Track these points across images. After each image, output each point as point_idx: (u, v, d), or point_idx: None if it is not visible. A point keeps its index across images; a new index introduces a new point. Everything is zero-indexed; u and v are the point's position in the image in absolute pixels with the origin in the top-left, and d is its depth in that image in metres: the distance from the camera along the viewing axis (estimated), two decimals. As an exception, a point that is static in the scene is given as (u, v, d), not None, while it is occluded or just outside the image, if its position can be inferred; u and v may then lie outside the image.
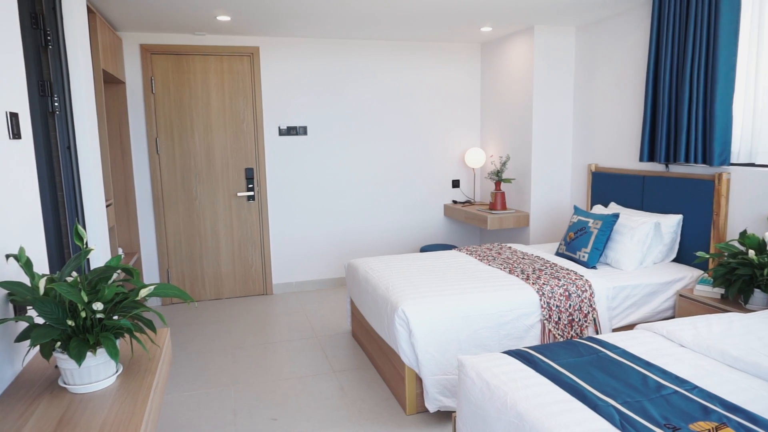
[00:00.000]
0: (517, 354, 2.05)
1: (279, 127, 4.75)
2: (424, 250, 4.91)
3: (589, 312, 2.95)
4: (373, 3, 3.54)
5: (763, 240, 2.73)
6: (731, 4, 3.01)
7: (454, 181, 5.30)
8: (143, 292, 1.42)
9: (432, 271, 3.23)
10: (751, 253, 2.69)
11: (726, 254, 2.86)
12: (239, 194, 4.72)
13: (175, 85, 4.47)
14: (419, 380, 2.70)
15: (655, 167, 3.68)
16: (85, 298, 1.35)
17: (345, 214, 5.04)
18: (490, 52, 5.03)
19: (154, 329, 1.52)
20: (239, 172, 4.71)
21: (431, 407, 2.62)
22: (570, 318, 2.90)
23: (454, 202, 5.25)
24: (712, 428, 1.53)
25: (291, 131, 4.78)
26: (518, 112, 4.62)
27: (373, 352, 3.31)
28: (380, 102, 4.99)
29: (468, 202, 5.17)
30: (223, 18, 3.86)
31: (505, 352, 2.09)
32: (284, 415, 2.77)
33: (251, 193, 4.74)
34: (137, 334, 1.49)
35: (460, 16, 3.95)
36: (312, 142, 4.86)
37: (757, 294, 2.70)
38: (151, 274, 4.62)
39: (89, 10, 3.22)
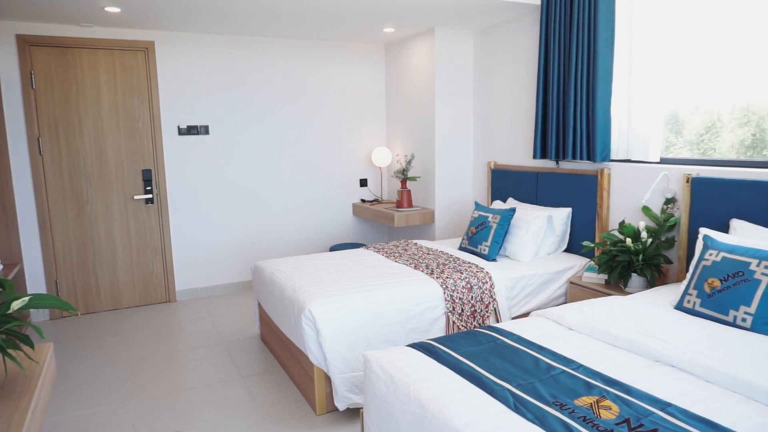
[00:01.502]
0: (421, 346, 2.11)
1: (178, 126, 4.54)
2: (333, 249, 4.91)
3: (490, 302, 3.10)
4: (271, 1, 3.48)
5: (638, 229, 3.01)
6: (607, 16, 3.28)
7: (361, 180, 5.34)
8: (15, 305, 1.30)
9: (340, 270, 3.23)
10: (629, 241, 2.96)
11: (608, 243, 3.12)
12: (136, 197, 4.45)
13: (60, 80, 4.13)
14: (328, 379, 2.70)
15: (547, 164, 3.93)
16: (-55, 315, 1.22)
17: (252, 216, 4.92)
18: (393, 52, 5.12)
19: (31, 345, 1.40)
20: (135, 174, 4.44)
21: (341, 405, 2.62)
22: (472, 309, 3.03)
23: (363, 200, 5.30)
24: (594, 401, 1.66)
25: (191, 130, 4.59)
26: (422, 111, 4.74)
27: (282, 354, 3.26)
28: (286, 101, 4.92)
29: (376, 201, 5.24)
30: (112, 9, 3.62)
31: (409, 346, 2.14)
32: (189, 427, 2.66)
33: (149, 196, 4.49)
34: (11, 351, 1.37)
35: (362, 16, 3.99)
36: (214, 142, 4.69)
37: (634, 278, 2.97)
38: (36, 286, 4.24)
39: (-49, -4, 2.90)
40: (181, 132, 4.55)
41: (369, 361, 2.03)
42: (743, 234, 2.56)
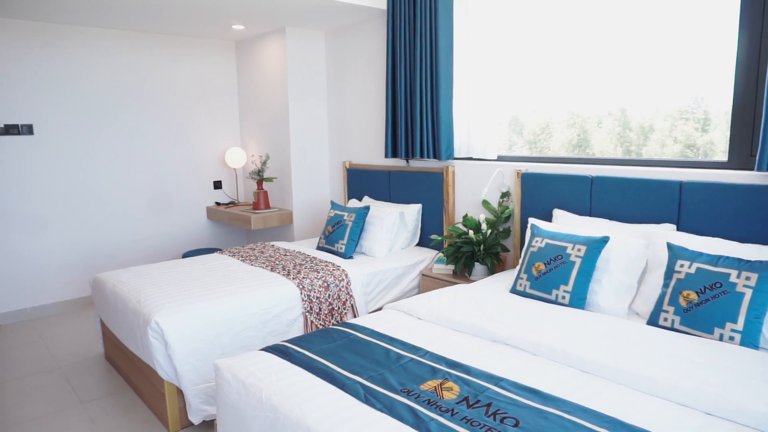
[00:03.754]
0: (274, 349, 2.08)
1: (-7, 126, 3.97)
2: (186, 255, 4.65)
3: (347, 299, 3.15)
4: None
5: (479, 221, 3.27)
6: (446, 26, 3.50)
7: (215, 182, 5.12)
8: None
9: (191, 278, 3.07)
10: (471, 233, 3.20)
11: (454, 235, 3.34)
12: (-60, 208, 3.81)
13: None
14: (181, 393, 2.56)
15: (399, 162, 4.10)
16: None
17: (93, 225, 4.47)
18: (245, 50, 4.99)
19: None
20: (-63, 182, 3.80)
21: (195, 419, 2.50)
22: (330, 307, 3.07)
23: (217, 203, 5.08)
24: (438, 385, 1.78)
25: (11, 130, 4.04)
26: (275, 111, 4.68)
27: (130, 373, 3.02)
28: (130, 99, 4.54)
29: (231, 203, 5.06)
30: None
31: (262, 349, 2.11)
32: (14, 466, 2.35)
33: (-42, 207, 3.87)
34: None
35: (206, 11, 3.82)
36: (41, 143, 4.18)
37: (477, 266, 3.23)
38: None
39: None
40: (-4, 132, 3.99)
41: (220, 369, 1.96)
42: (563, 222, 2.91)
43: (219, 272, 3.18)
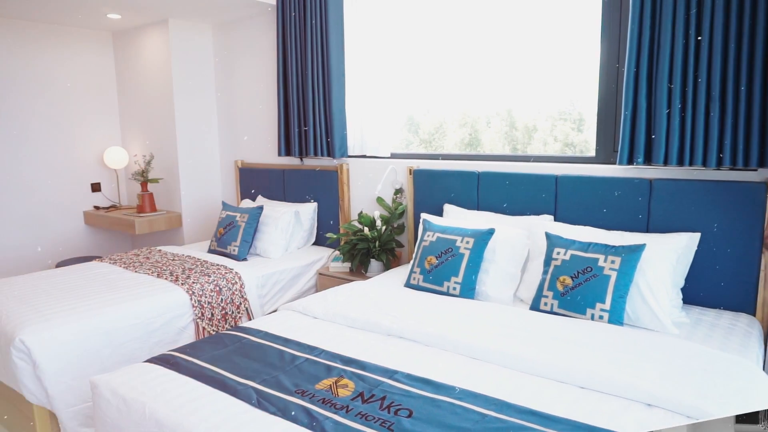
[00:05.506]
0: (160, 359, 1.96)
1: None
2: (60, 265, 4.23)
3: (241, 303, 3.05)
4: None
5: (374, 218, 3.31)
6: (336, 24, 3.49)
7: (93, 185, 4.71)
8: None
9: (64, 289, 2.80)
10: (366, 230, 3.23)
11: (350, 233, 3.35)
12: None
13: None
14: (55, 418, 2.32)
15: (293, 161, 4.03)
16: None
17: (-60, 235, 3.93)
18: (124, 42, 4.64)
19: None
20: None
21: (72, 443, 2.29)
22: (223, 312, 2.95)
23: (96, 207, 4.68)
24: (333, 383, 1.77)
25: None
26: (160, 108, 4.40)
27: (-8, 399, 2.70)
28: (-19, 92, 4.04)
29: (113, 207, 4.69)
30: None
31: (147, 361, 1.97)
32: None
33: None
34: None
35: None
36: None
37: (373, 263, 3.26)
38: None
39: None
40: None
41: (97, 386, 1.81)
42: (453, 216, 3.03)
43: (97, 282, 2.93)
